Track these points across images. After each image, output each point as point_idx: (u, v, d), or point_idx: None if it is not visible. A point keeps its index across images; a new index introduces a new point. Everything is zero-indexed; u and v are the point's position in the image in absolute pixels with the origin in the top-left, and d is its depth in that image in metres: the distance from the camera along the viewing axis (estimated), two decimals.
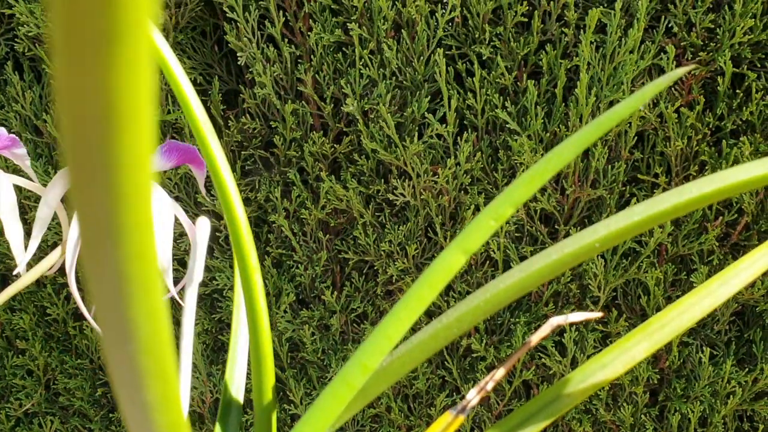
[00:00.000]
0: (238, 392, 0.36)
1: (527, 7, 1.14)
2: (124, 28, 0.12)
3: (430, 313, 1.27)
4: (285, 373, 1.36)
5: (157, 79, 1.20)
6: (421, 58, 1.16)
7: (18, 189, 0.53)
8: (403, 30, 1.16)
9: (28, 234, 0.47)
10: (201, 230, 0.37)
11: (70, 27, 0.12)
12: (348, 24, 1.16)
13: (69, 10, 0.12)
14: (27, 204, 1.32)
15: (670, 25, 1.13)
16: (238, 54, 1.21)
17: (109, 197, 0.16)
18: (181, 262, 1.32)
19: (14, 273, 0.46)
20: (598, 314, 0.36)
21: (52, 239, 1.35)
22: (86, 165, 0.15)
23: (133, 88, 0.13)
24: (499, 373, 0.34)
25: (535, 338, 0.36)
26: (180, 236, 1.30)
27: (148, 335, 0.20)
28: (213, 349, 1.39)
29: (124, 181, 0.15)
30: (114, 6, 0.12)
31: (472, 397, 0.32)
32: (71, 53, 0.13)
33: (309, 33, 1.19)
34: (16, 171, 1.20)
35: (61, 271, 0.49)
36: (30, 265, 0.48)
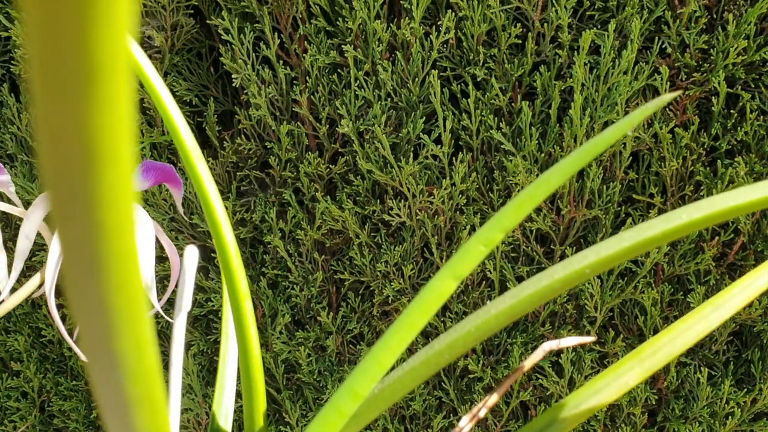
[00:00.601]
0: (226, 418, 0.36)
1: (521, 29, 1.14)
2: (102, 66, 0.12)
3: (427, 334, 1.27)
4: (281, 395, 1.35)
5: (147, 104, 1.20)
6: (416, 79, 1.17)
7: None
8: (397, 52, 1.16)
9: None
10: (189, 260, 0.37)
11: (49, 65, 0.12)
12: (343, 46, 1.17)
13: (47, 49, 0.12)
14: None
15: (663, 46, 1.14)
16: (233, 75, 1.22)
17: (91, 229, 0.16)
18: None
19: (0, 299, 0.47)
20: (591, 338, 0.36)
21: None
22: (68, 198, 0.15)
23: (113, 125, 0.13)
24: (492, 399, 0.33)
25: (528, 363, 0.36)
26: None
27: (135, 364, 0.20)
28: (209, 370, 1.39)
29: (106, 214, 0.15)
30: (91, 45, 0.12)
31: (465, 424, 0.32)
32: (50, 91, 0.13)
33: (304, 55, 1.20)
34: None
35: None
36: (15, 289, 0.48)
